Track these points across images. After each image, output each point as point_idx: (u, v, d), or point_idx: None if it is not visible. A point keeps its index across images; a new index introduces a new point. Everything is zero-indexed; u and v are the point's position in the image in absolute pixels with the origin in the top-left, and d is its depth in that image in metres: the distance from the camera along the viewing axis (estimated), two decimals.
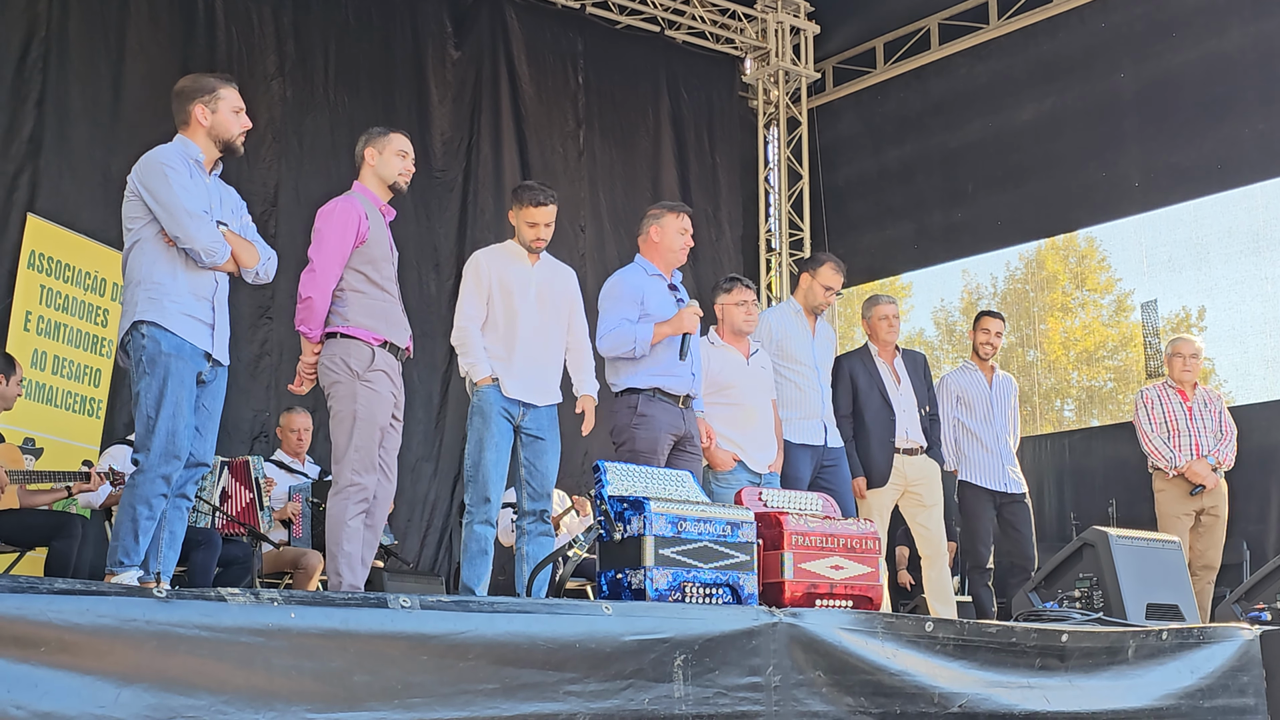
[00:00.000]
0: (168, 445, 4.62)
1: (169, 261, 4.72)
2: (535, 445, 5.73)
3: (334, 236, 5.20)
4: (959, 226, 12.18)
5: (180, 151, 4.83)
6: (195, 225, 4.67)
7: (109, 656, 2.92)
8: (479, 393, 5.65)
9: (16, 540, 6.29)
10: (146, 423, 4.64)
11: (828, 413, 6.84)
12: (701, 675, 3.90)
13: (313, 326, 5.22)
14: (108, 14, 8.96)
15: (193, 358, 4.72)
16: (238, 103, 4.93)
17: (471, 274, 5.78)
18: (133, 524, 4.60)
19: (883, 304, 7.31)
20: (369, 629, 3.31)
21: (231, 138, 4.91)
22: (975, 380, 7.69)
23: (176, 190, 4.67)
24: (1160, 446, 7.73)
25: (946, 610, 6.92)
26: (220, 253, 4.76)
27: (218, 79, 4.98)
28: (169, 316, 4.67)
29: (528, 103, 11.15)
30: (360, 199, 5.34)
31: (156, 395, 4.63)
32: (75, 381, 8.06)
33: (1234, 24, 10.30)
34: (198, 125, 4.87)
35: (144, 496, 4.62)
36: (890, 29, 12.82)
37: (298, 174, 9.69)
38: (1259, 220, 10.51)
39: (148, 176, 4.72)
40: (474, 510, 5.58)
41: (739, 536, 4.38)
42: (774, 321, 6.96)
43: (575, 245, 11.18)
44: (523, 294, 5.75)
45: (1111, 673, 5.09)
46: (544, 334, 5.80)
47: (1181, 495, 7.67)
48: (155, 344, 4.65)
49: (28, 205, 8.18)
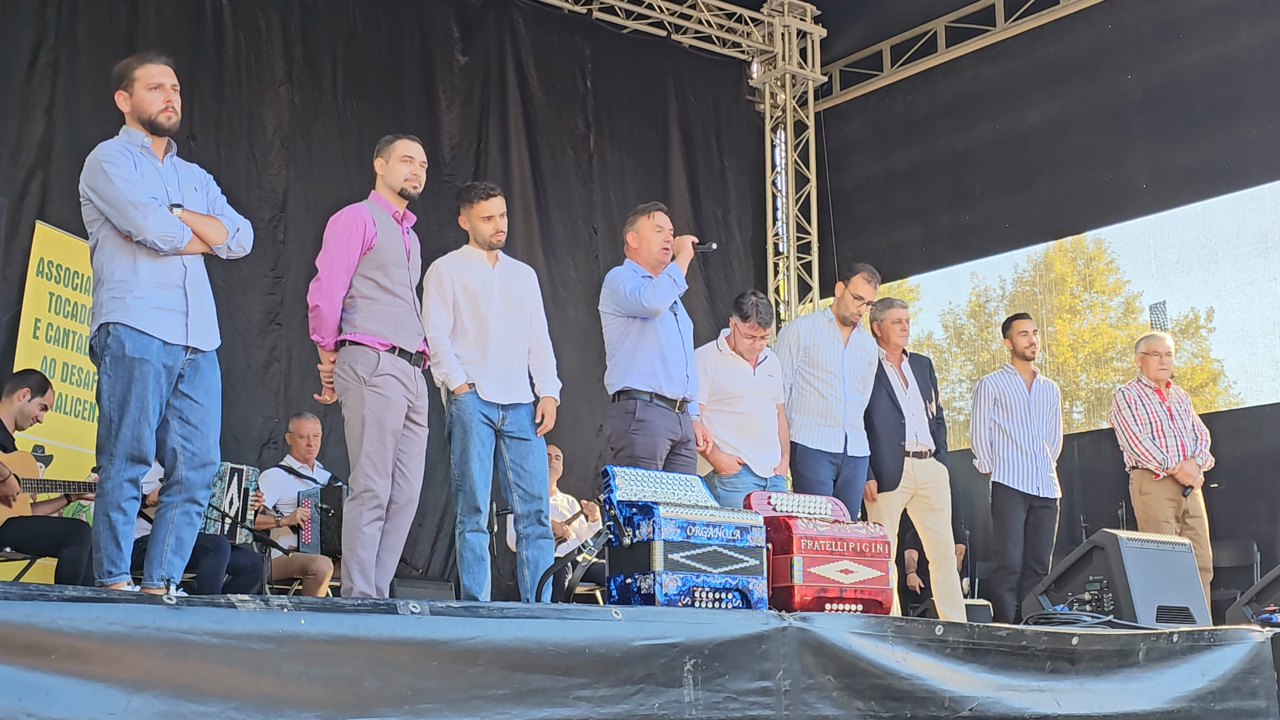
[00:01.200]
0: (131, 449, 4.55)
1: (128, 257, 4.60)
2: (520, 446, 5.70)
3: (338, 245, 5.27)
4: (967, 229, 12.17)
5: (122, 144, 4.71)
6: (142, 215, 4.53)
7: (119, 664, 2.92)
8: (457, 401, 5.60)
9: (27, 547, 6.30)
10: (108, 424, 4.55)
11: (851, 421, 6.84)
12: (711, 680, 3.89)
13: (325, 335, 5.30)
14: (116, 20, 9.00)
15: (161, 355, 4.60)
16: (156, 78, 4.71)
17: (434, 283, 5.69)
18: (110, 531, 4.55)
19: (896, 307, 7.32)
20: (378, 635, 3.30)
21: (152, 115, 4.70)
22: (1015, 384, 7.72)
23: (118, 184, 4.55)
24: (1151, 448, 7.70)
25: (955, 613, 6.92)
26: (178, 236, 4.62)
27: (136, 59, 4.80)
28: (134, 314, 4.56)
29: (536, 107, 11.18)
30: (370, 206, 5.41)
31: (120, 398, 4.54)
32: (84, 389, 8.07)
33: (1242, 25, 10.29)
34: (126, 113, 4.78)
35: (114, 502, 4.56)
36: (897, 32, 12.82)
37: (306, 179, 9.71)
38: (1268, 221, 10.50)
39: (90, 176, 4.63)
40: (465, 520, 5.59)
41: (748, 541, 4.38)
42: (803, 329, 7.00)
43: (590, 246, 11.25)
44: (488, 297, 5.72)
45: (1122, 675, 5.08)
46: (513, 334, 5.79)
47: (1170, 497, 7.64)
48: (119, 344, 4.55)
49: (38, 212, 8.21)
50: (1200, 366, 14.24)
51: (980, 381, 7.86)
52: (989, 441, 7.66)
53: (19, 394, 6.55)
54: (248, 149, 9.51)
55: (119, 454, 4.54)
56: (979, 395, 7.75)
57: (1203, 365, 14.30)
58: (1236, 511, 8.97)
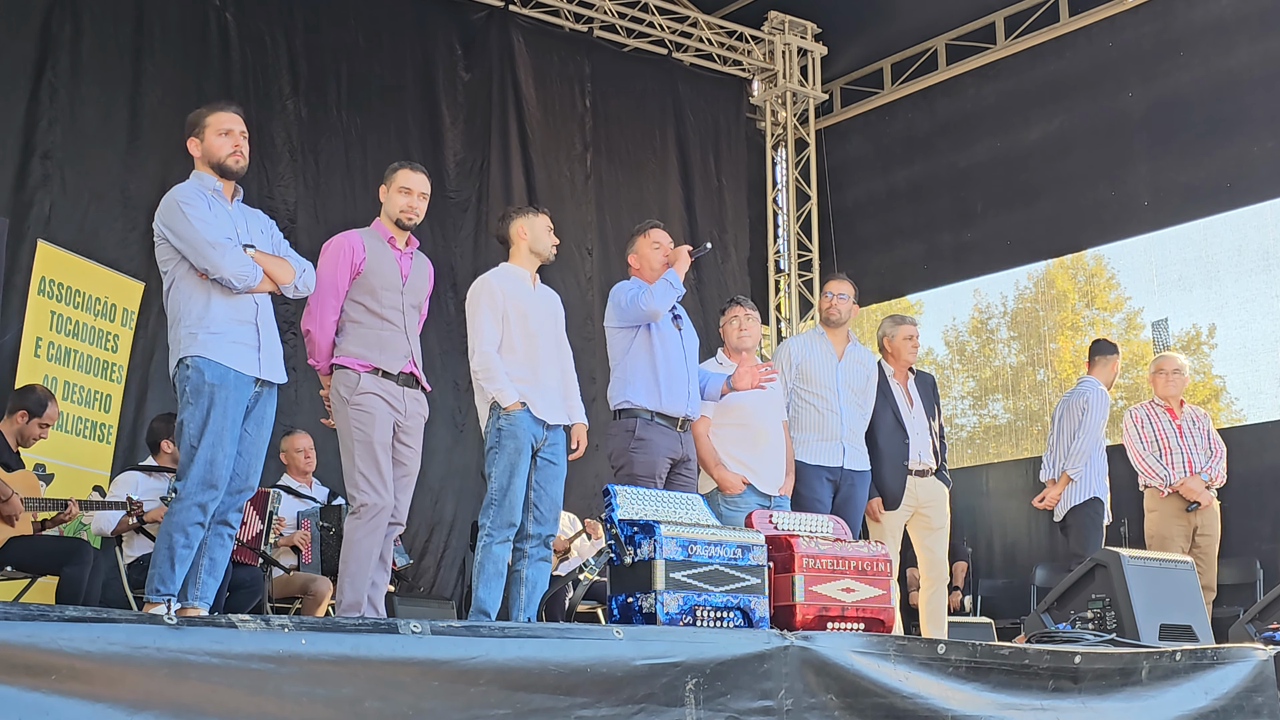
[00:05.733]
0: (206, 474, 4.68)
1: (204, 294, 4.79)
2: (548, 470, 5.69)
3: (324, 272, 5.38)
4: (968, 246, 12.18)
5: (195, 187, 4.90)
6: (219, 255, 4.74)
7: (120, 684, 2.91)
8: (509, 418, 5.53)
9: (28, 566, 6.30)
10: (189, 451, 4.70)
11: (848, 435, 6.85)
12: (713, 699, 3.89)
13: (319, 359, 5.47)
14: (121, 37, 9.03)
15: (238, 385, 4.78)
16: (225, 125, 4.93)
17: (485, 297, 5.68)
18: (169, 552, 4.65)
19: (907, 324, 7.33)
20: (380, 655, 3.30)
21: (220, 159, 4.92)
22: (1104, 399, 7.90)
23: (195, 224, 4.74)
24: (1153, 464, 7.72)
25: (938, 633, 6.94)
26: (251, 275, 4.83)
27: (208, 108, 5.02)
28: (211, 347, 4.75)
29: (534, 126, 11.19)
30: (364, 232, 5.52)
31: (200, 424, 4.70)
32: (85, 407, 8.07)
33: (1242, 42, 10.31)
34: (196, 158, 4.97)
35: (180, 524, 4.67)
36: (897, 50, 12.85)
37: (315, 193, 9.76)
38: (1269, 238, 10.50)
39: (167, 216, 4.81)
40: (494, 533, 5.50)
41: (750, 559, 4.38)
42: (795, 347, 7.04)
43: (581, 269, 11.21)
44: (536, 316, 5.75)
45: (1125, 694, 5.06)
46: (556, 356, 5.82)
47: (1176, 514, 7.65)
48: (199, 374, 4.72)
49: (42, 228, 8.22)
50: (1202, 383, 14.23)
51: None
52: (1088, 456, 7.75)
53: (18, 415, 6.57)
54: (258, 162, 9.49)
55: (194, 478, 4.69)
56: (1090, 408, 7.82)
57: (1204, 382, 14.29)
58: (1239, 529, 8.93)
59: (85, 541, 6.58)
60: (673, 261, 6.19)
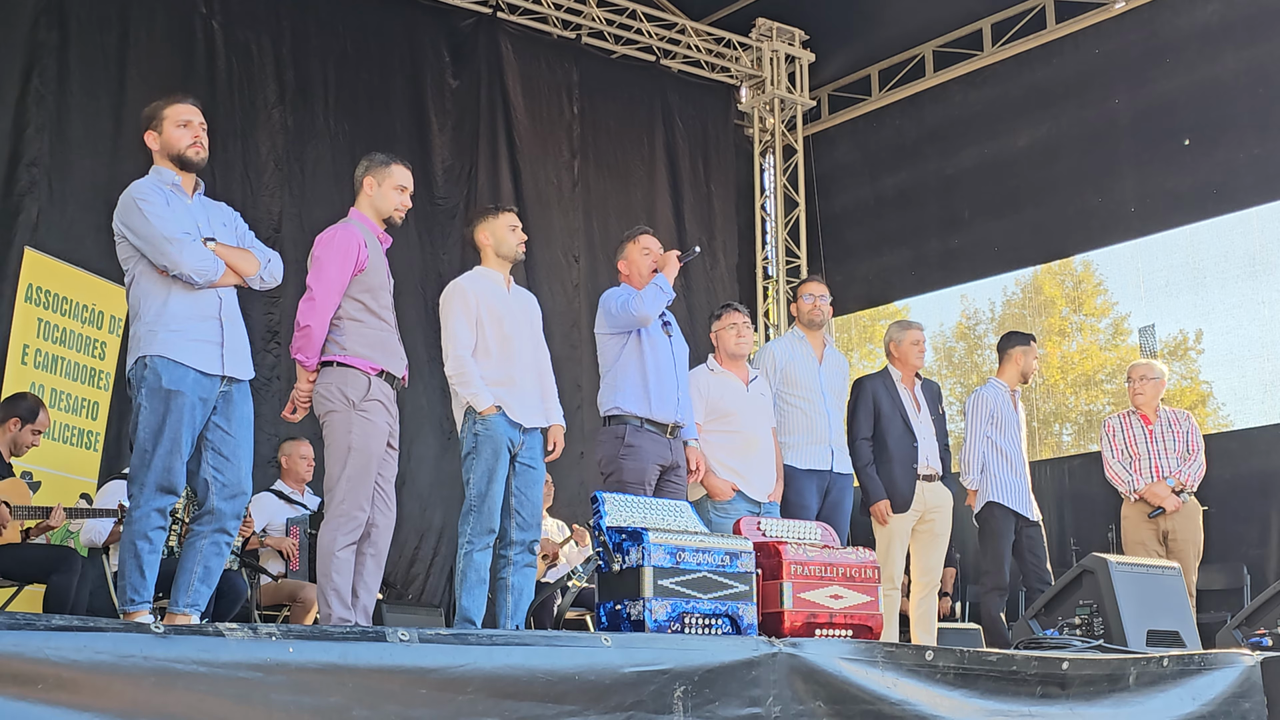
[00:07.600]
0: (162, 479, 4.59)
1: (163, 291, 4.68)
2: (527, 474, 5.66)
3: (333, 265, 5.19)
4: (956, 253, 12.20)
5: (153, 182, 4.81)
6: (177, 250, 4.63)
7: (107, 693, 2.90)
8: (485, 422, 5.52)
9: (15, 575, 6.27)
10: (142, 454, 4.60)
11: (835, 438, 6.88)
12: (701, 706, 3.89)
13: (309, 355, 5.20)
14: (107, 45, 9.01)
15: (197, 386, 4.66)
16: (183, 116, 4.86)
17: (458, 301, 5.65)
18: (135, 559, 4.58)
19: (914, 329, 7.31)
20: (367, 663, 3.29)
21: (180, 150, 4.85)
22: (1006, 401, 7.55)
23: (152, 220, 4.65)
24: (1120, 472, 7.74)
25: (928, 639, 6.96)
26: (212, 269, 4.72)
27: (164, 100, 4.94)
28: (170, 346, 4.63)
29: (522, 133, 11.18)
30: (359, 226, 5.33)
31: (155, 428, 4.59)
32: (73, 415, 8.05)
33: (1228, 49, 10.35)
34: (155, 151, 4.89)
35: (141, 531, 4.58)
36: (885, 56, 12.88)
37: (301, 201, 9.72)
38: (1255, 244, 10.54)
39: (124, 214, 4.72)
40: (475, 540, 5.49)
41: (738, 566, 4.38)
42: (777, 350, 7.06)
43: (568, 275, 11.20)
44: (511, 318, 5.72)
45: (1113, 700, 5.07)
46: (531, 358, 5.79)
47: (1142, 519, 7.65)
48: (156, 376, 4.61)
49: (29, 236, 8.20)
50: (1189, 389, 14.28)
51: (976, 394, 7.63)
52: (981, 459, 7.44)
53: (10, 423, 6.54)
54: (242, 171, 9.52)
55: (149, 484, 4.59)
56: (974, 408, 7.53)
57: (1192, 387, 14.34)
58: (1226, 534, 8.97)
59: (73, 550, 6.55)
60: (661, 266, 6.20)
